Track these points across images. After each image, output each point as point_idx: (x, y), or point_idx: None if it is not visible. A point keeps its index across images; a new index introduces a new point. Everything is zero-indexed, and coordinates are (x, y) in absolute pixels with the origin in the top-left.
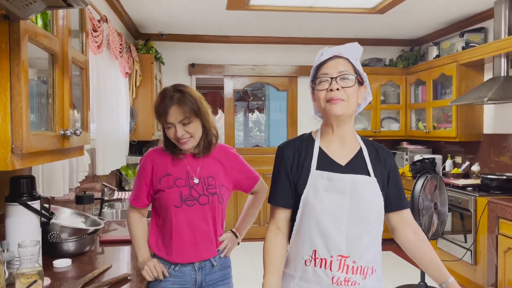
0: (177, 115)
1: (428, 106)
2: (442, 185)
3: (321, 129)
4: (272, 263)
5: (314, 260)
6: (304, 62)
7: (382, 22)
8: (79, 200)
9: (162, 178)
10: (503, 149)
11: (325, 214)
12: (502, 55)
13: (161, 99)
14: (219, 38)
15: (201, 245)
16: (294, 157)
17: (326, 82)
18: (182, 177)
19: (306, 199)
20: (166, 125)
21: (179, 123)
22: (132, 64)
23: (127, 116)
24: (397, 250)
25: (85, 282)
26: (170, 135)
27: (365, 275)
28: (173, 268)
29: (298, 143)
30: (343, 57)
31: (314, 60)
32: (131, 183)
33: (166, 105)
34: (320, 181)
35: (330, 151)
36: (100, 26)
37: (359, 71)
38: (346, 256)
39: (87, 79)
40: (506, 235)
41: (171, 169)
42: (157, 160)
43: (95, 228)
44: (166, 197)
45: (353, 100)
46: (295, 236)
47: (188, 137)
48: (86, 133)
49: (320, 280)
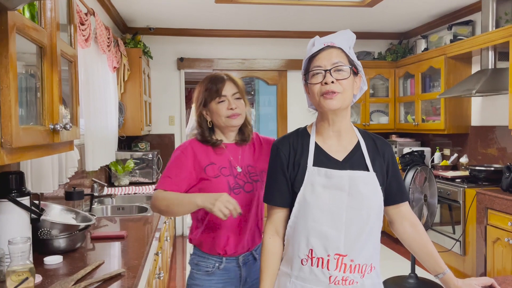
0: (231, 88)
1: (417, 99)
2: (432, 177)
3: (316, 123)
4: (269, 273)
5: (311, 259)
6: (294, 56)
7: (371, 15)
8: (68, 196)
9: (207, 167)
10: (490, 141)
11: (323, 212)
12: (490, 47)
13: (214, 77)
14: (208, 32)
15: (247, 234)
16: (289, 155)
17: (319, 75)
18: (226, 166)
19: (303, 197)
20: (219, 99)
21: (232, 96)
22: (120, 58)
23: (115, 111)
24: (387, 242)
25: (78, 278)
26: (221, 110)
27: (363, 273)
28: (217, 267)
29: (293, 139)
30: (336, 47)
31: (304, 54)
32: (120, 179)
33: (221, 80)
34: (317, 178)
35: (326, 146)
36: (87, 19)
37: (354, 60)
38: (343, 255)
39: (76, 72)
40: (494, 225)
41: (214, 158)
42: (199, 148)
43: (86, 224)
44: (213, 186)
45: (349, 92)
46: (291, 234)
47: (239, 112)
48: (76, 128)
49: (317, 280)
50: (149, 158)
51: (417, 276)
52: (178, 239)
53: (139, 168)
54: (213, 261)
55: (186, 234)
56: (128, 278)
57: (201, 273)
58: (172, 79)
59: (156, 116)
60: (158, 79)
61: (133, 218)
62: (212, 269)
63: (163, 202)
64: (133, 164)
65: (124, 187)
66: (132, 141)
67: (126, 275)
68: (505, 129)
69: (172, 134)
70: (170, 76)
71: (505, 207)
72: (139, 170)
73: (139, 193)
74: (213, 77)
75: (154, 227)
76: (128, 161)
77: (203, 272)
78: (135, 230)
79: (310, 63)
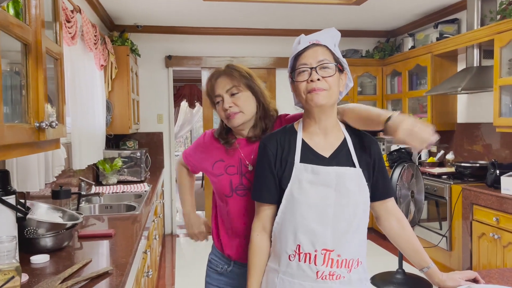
0: (225, 84)
1: (404, 96)
2: (419, 173)
3: (303, 120)
4: (257, 269)
5: (298, 255)
6: (282, 54)
7: (359, 13)
8: (55, 195)
9: (216, 163)
10: (475, 138)
11: (310, 208)
12: (475, 45)
13: (212, 72)
14: (196, 30)
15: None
16: (277, 152)
17: (305, 73)
18: (234, 165)
19: (290, 194)
20: (216, 100)
21: (227, 92)
22: (107, 56)
23: (103, 110)
24: (375, 238)
25: (65, 277)
26: (219, 112)
27: (350, 268)
28: (226, 269)
29: (281, 136)
30: (321, 45)
31: (291, 51)
32: (108, 177)
33: (214, 76)
34: (304, 175)
35: (313, 143)
36: (74, 16)
37: (339, 58)
38: (330, 250)
39: (62, 70)
40: (479, 220)
41: (225, 155)
42: (215, 141)
43: (73, 222)
44: (217, 185)
45: (334, 89)
46: (278, 230)
47: (237, 111)
48: (62, 126)
49: (305, 275)
50: (137, 156)
51: (404, 271)
52: (167, 238)
53: (127, 166)
54: (223, 262)
55: (175, 232)
56: (115, 276)
57: (213, 270)
58: (160, 77)
59: (145, 114)
60: (146, 77)
61: (121, 217)
62: (221, 270)
63: (177, 177)
64: (121, 162)
65: (112, 186)
66: (120, 140)
67: (114, 273)
68: (490, 126)
69: (160, 133)
70: (158, 74)
71: (490, 203)
72: (127, 168)
73: (127, 192)
74: (211, 74)
75: (142, 226)
76: (116, 159)
77: (214, 271)
78: (123, 229)
79: (296, 61)
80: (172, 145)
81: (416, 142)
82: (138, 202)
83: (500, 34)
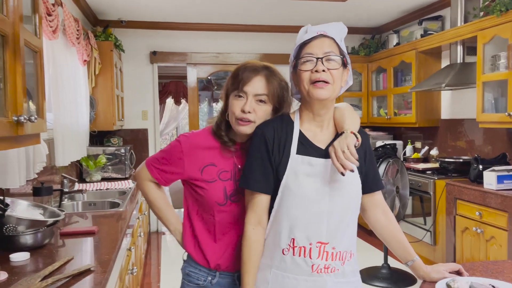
0: (258, 87)
1: (389, 93)
2: (403, 169)
3: (300, 111)
4: (253, 265)
5: (293, 248)
6: (268, 50)
7: (344, 10)
8: (36, 192)
9: (205, 168)
10: (459, 133)
11: (305, 201)
12: (459, 42)
13: (245, 66)
14: (182, 25)
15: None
16: (274, 140)
17: (310, 63)
18: (228, 170)
19: (286, 185)
20: (238, 94)
21: (255, 97)
22: (90, 51)
23: (86, 106)
24: (361, 234)
25: (45, 275)
26: (234, 108)
27: (344, 260)
28: (210, 281)
29: (278, 125)
30: (328, 37)
31: (278, 48)
32: (92, 174)
33: (251, 72)
34: (300, 167)
35: (310, 134)
36: (55, 10)
37: (344, 52)
38: (325, 243)
39: (41, 63)
40: (463, 215)
41: (217, 158)
42: (203, 143)
43: (55, 219)
44: (208, 193)
45: (338, 83)
46: (272, 224)
47: (252, 120)
48: (42, 120)
49: (300, 269)
50: (122, 153)
51: (389, 266)
52: (153, 235)
53: (112, 163)
54: (206, 273)
55: (161, 230)
56: (98, 274)
57: (193, 285)
58: (145, 73)
59: (129, 110)
60: (131, 73)
61: (104, 214)
62: (204, 282)
63: (150, 203)
64: (105, 159)
65: (96, 183)
66: (104, 136)
67: (96, 271)
68: (473, 122)
69: (145, 129)
70: (143, 70)
71: (473, 197)
72: (112, 165)
73: (112, 189)
74: (247, 64)
75: (126, 223)
76: (100, 156)
77: (194, 285)
78: (107, 226)
79: (301, 50)
80: (157, 142)
81: (335, 164)
82: (122, 199)
83: (483, 31)
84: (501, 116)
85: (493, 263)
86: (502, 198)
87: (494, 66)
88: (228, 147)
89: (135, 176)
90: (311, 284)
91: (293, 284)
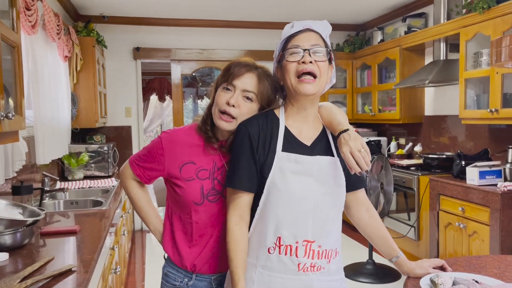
0: (247, 83)
1: (374, 89)
2: (388, 165)
3: (284, 107)
4: (241, 261)
5: (279, 247)
6: (253, 47)
7: (329, 6)
8: (16, 191)
9: (184, 166)
10: (442, 130)
11: (292, 199)
12: (442, 39)
13: (239, 61)
14: (166, 21)
15: (223, 249)
16: (259, 137)
17: (297, 54)
18: (207, 168)
19: (272, 183)
20: (226, 87)
21: (242, 92)
22: (71, 47)
23: (68, 102)
24: (345, 230)
25: (25, 276)
26: (219, 99)
27: (330, 258)
28: (186, 282)
29: (262, 121)
30: (314, 31)
31: (262, 45)
32: (74, 172)
33: (243, 67)
34: (286, 164)
35: (296, 131)
36: (34, 4)
37: (329, 49)
38: (311, 241)
39: (19, 59)
40: (446, 210)
41: (197, 156)
42: (184, 139)
43: (34, 219)
44: (185, 191)
45: (324, 77)
46: (257, 222)
47: (235, 116)
48: (20, 118)
49: (286, 268)
50: (105, 151)
51: (374, 262)
52: (137, 233)
53: (94, 161)
54: (182, 275)
55: (145, 228)
56: (79, 274)
57: (170, 285)
58: (128, 70)
59: (112, 107)
60: (114, 69)
61: (87, 213)
62: (180, 283)
63: (132, 201)
64: (88, 157)
65: (78, 181)
66: (86, 134)
67: (77, 271)
68: (456, 118)
69: (129, 126)
70: (126, 66)
71: (456, 193)
72: (94, 163)
73: (94, 187)
74: (241, 60)
75: (109, 221)
76: (82, 154)
77: (171, 285)
78: (89, 225)
79: (287, 43)
80: (141, 139)
81: (352, 164)
82: (105, 198)
83: (465, 28)
84: (483, 112)
85: (476, 258)
86: (484, 194)
87: (477, 63)
88: (212, 143)
89: (119, 174)
90: (298, 283)
91: (280, 283)
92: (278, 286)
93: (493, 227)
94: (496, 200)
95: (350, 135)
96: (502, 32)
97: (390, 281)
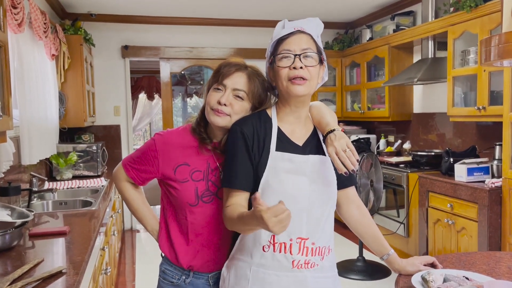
0: (237, 82)
1: (363, 87)
2: (377, 163)
3: (276, 108)
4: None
5: (273, 245)
6: (243, 45)
7: (318, 4)
8: (3, 192)
9: (179, 167)
10: (430, 127)
11: (286, 197)
12: (430, 37)
13: (229, 61)
14: (154, 19)
15: (220, 249)
16: (253, 137)
17: (288, 59)
18: (201, 169)
19: (266, 182)
20: (217, 87)
21: (233, 91)
22: (59, 45)
23: (55, 102)
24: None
25: (14, 278)
26: (210, 98)
27: (323, 255)
28: (184, 280)
29: (256, 121)
30: (305, 33)
31: (252, 43)
32: (63, 172)
33: (232, 67)
34: (280, 163)
35: (288, 131)
36: (20, 2)
37: (321, 49)
38: (305, 238)
39: (6, 58)
40: (435, 207)
41: (191, 158)
42: (178, 140)
43: (23, 220)
44: (179, 193)
45: (315, 80)
46: None
47: (227, 113)
48: (7, 118)
49: (280, 265)
50: (94, 150)
51: (364, 259)
52: (127, 233)
53: (83, 161)
54: (180, 273)
55: (135, 228)
56: (70, 275)
57: (167, 282)
58: (116, 68)
59: (101, 106)
60: (102, 68)
61: (76, 213)
62: (178, 281)
63: (128, 205)
64: (76, 157)
65: (67, 181)
66: (75, 133)
67: (68, 272)
68: (444, 116)
69: (117, 125)
70: (115, 64)
71: (445, 190)
72: (83, 163)
73: (83, 187)
74: (231, 60)
75: (99, 222)
76: (71, 153)
77: (169, 282)
78: (79, 225)
79: (278, 46)
80: (130, 138)
81: (338, 164)
82: (94, 198)
83: (453, 26)
84: (470, 110)
85: (465, 255)
86: (472, 190)
87: (464, 61)
88: (206, 144)
89: (113, 177)
90: (292, 279)
91: (274, 280)
92: (273, 284)
93: (481, 223)
94: (484, 196)
95: (335, 135)
96: (489, 30)
97: (381, 278)
